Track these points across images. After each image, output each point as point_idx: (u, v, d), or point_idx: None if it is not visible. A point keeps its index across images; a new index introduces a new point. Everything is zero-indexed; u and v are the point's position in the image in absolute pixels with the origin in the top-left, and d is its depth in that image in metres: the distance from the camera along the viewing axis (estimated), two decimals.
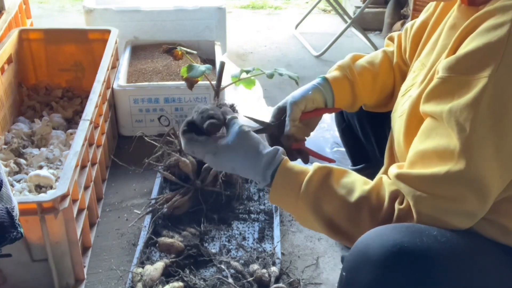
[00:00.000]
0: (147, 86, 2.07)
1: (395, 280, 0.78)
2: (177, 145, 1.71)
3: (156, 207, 1.63)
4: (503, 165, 0.81)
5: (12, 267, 1.32)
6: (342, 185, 0.93)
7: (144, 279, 1.38)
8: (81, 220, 1.46)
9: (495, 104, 0.78)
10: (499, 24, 0.78)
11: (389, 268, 0.78)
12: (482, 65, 0.78)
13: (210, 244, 1.56)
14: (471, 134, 0.79)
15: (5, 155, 1.77)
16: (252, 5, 3.95)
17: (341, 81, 1.28)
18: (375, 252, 0.79)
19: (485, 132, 0.79)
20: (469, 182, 0.81)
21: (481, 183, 0.81)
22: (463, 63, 0.81)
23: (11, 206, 1.00)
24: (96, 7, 2.49)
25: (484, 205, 0.84)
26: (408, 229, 0.81)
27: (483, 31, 0.79)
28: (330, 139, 1.95)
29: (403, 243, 0.78)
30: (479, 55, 0.79)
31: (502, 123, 0.79)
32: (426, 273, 0.77)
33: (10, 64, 2.04)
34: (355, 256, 0.82)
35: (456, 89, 0.81)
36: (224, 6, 2.57)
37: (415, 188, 0.84)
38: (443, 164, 0.82)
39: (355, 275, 0.82)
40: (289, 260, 1.52)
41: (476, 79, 0.78)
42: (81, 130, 1.54)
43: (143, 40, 2.46)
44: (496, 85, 0.77)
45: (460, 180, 0.81)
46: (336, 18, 3.55)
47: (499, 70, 0.77)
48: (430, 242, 0.79)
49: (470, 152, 0.80)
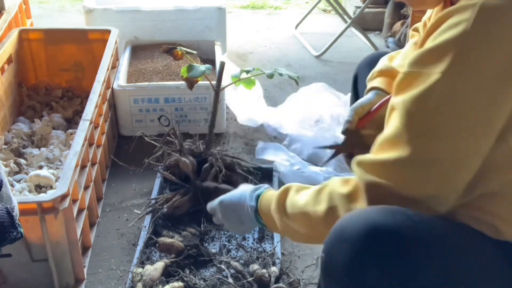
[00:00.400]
0: (147, 86, 2.07)
1: (370, 256, 0.80)
2: (177, 145, 1.71)
3: (156, 207, 1.63)
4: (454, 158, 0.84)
5: (12, 267, 1.32)
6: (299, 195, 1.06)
7: (144, 279, 1.38)
8: (81, 220, 1.46)
9: (444, 99, 0.81)
10: (457, 23, 0.80)
11: (363, 245, 0.81)
12: (437, 61, 0.81)
13: (210, 244, 1.56)
14: (417, 125, 0.84)
15: (5, 155, 1.77)
16: (252, 5, 3.95)
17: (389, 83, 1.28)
18: (350, 231, 0.82)
19: (433, 124, 0.82)
20: (414, 170, 0.85)
21: (426, 172, 0.84)
22: (421, 59, 0.84)
23: (11, 206, 1.00)
24: (96, 7, 2.49)
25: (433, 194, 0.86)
26: (383, 209, 0.84)
27: (443, 30, 0.82)
28: (330, 139, 1.95)
29: (377, 221, 0.81)
30: (435, 52, 0.82)
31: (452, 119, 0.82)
32: (399, 250, 0.80)
33: (10, 64, 2.04)
34: (332, 237, 0.86)
35: (413, 83, 0.85)
36: (224, 6, 2.57)
37: (366, 172, 0.89)
38: (393, 151, 0.86)
39: (332, 255, 0.85)
40: (289, 260, 1.52)
41: (430, 74, 0.82)
42: (81, 130, 1.54)
43: (143, 40, 2.46)
44: (447, 81, 0.80)
45: (405, 167, 0.85)
46: (336, 18, 3.55)
47: (451, 67, 0.80)
48: (403, 219, 0.82)
49: (415, 141, 0.84)
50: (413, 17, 2.76)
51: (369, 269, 0.80)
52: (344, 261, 0.82)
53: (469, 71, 0.80)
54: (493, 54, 0.79)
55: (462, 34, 0.79)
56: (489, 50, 0.79)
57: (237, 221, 1.20)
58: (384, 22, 3.34)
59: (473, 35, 0.79)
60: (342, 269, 0.83)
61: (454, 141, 0.83)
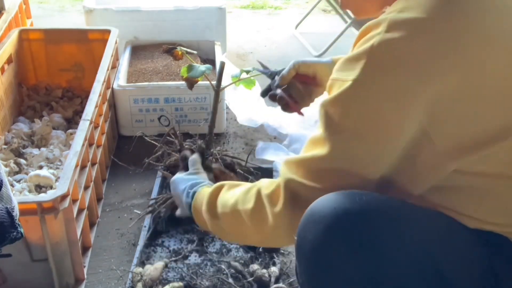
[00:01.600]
0: (147, 86, 2.07)
1: (336, 235, 0.83)
2: (177, 145, 1.71)
3: (156, 207, 1.63)
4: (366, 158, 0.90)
5: (12, 267, 1.31)
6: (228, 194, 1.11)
7: (144, 279, 1.38)
8: (81, 220, 1.46)
9: (351, 104, 0.88)
10: (370, 37, 0.86)
11: (330, 223, 0.84)
12: (350, 69, 0.87)
13: (210, 244, 1.56)
14: (332, 126, 0.90)
15: (5, 155, 1.77)
16: (252, 5, 3.95)
17: None
18: (318, 212, 0.86)
19: (344, 126, 0.89)
20: (328, 168, 0.91)
21: (340, 169, 0.90)
22: (341, 66, 0.90)
23: (11, 206, 1.00)
24: (96, 7, 2.49)
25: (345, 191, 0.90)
26: (350, 193, 0.87)
27: (361, 42, 0.88)
28: None
29: (343, 202, 0.85)
30: (351, 61, 0.88)
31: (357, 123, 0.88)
32: (365, 227, 0.83)
33: (10, 64, 2.04)
34: (303, 221, 0.89)
35: (333, 88, 0.91)
36: (224, 6, 2.57)
37: (289, 170, 0.96)
38: (313, 150, 0.93)
39: (303, 237, 0.88)
40: (289, 260, 1.52)
41: (344, 81, 0.88)
42: (81, 130, 1.55)
43: (143, 40, 2.46)
44: (355, 89, 0.86)
45: (321, 164, 0.92)
46: (336, 18, 3.55)
47: (360, 76, 0.85)
48: (369, 199, 0.86)
49: (330, 141, 0.90)
50: None
51: (335, 250, 0.83)
52: (312, 242, 0.85)
53: (373, 82, 0.85)
54: (394, 69, 0.83)
55: (370, 47, 0.84)
56: (391, 65, 0.83)
57: (179, 204, 1.30)
58: None
59: (379, 49, 0.83)
60: (311, 249, 0.86)
61: (362, 143, 0.88)
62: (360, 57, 0.86)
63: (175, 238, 1.59)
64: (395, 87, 0.84)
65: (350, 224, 0.83)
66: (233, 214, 1.06)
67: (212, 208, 1.12)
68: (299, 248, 0.90)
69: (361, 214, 0.84)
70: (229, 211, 1.07)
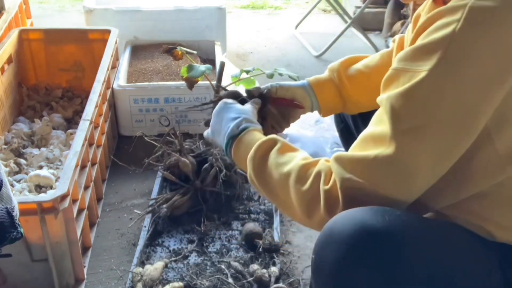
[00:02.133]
0: (147, 86, 2.07)
1: (358, 257, 0.80)
2: (177, 145, 1.71)
3: (156, 207, 1.63)
4: (434, 158, 0.84)
5: (12, 267, 1.32)
6: (284, 156, 0.99)
7: (144, 279, 1.38)
8: (81, 220, 1.46)
9: (430, 97, 0.81)
10: (447, 23, 0.81)
11: (352, 244, 0.80)
12: (425, 59, 0.81)
13: (210, 244, 1.56)
14: (402, 122, 0.83)
15: (5, 155, 1.77)
16: (252, 5, 3.95)
17: (325, 83, 1.30)
18: (339, 232, 0.82)
19: (417, 122, 0.82)
20: (394, 169, 0.84)
21: (406, 172, 0.84)
22: (410, 55, 0.85)
23: (11, 206, 1.00)
24: (96, 7, 2.49)
25: (407, 194, 0.86)
26: (371, 209, 0.83)
27: (433, 29, 0.83)
28: (330, 139, 1.95)
29: (366, 221, 0.81)
30: (424, 50, 0.83)
31: (435, 117, 0.82)
32: (387, 250, 0.80)
33: (10, 64, 2.04)
34: (321, 238, 0.85)
35: (400, 80, 0.85)
36: (224, 6, 2.57)
37: (345, 169, 0.87)
38: (375, 148, 0.85)
39: (322, 256, 0.84)
40: (289, 260, 1.52)
41: (417, 71, 0.82)
42: (81, 130, 1.55)
43: (143, 40, 2.46)
44: (433, 79, 0.81)
45: (385, 165, 0.84)
46: (336, 18, 3.55)
47: (439, 65, 0.80)
48: (392, 219, 0.82)
49: (399, 139, 0.83)
50: None
51: (357, 271, 0.80)
52: (332, 262, 0.82)
53: (456, 70, 0.80)
54: (480, 56, 0.79)
55: (451, 34, 0.80)
56: (477, 52, 0.79)
57: (216, 129, 1.14)
58: (384, 22, 3.34)
59: (461, 36, 0.79)
60: (330, 270, 0.83)
61: (435, 141, 0.82)
62: (437, 45, 0.80)
63: (175, 238, 1.59)
64: (479, 75, 0.79)
65: (372, 247, 0.79)
66: (280, 182, 0.96)
67: (258, 159, 1.01)
68: (317, 268, 0.86)
69: (384, 235, 0.80)
70: (277, 177, 0.97)
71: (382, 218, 0.81)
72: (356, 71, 1.31)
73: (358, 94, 1.30)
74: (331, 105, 1.31)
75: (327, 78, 1.31)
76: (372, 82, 1.31)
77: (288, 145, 1.02)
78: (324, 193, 0.89)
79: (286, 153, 1.00)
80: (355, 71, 1.31)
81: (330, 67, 1.32)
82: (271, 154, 1.00)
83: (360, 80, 1.30)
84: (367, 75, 1.31)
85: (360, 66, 1.32)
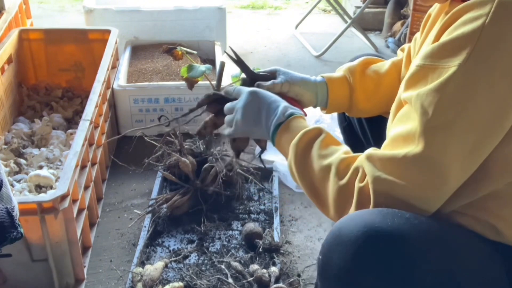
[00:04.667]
0: (147, 86, 2.07)
1: (366, 260, 0.80)
2: (177, 145, 1.71)
3: (156, 207, 1.63)
4: (465, 155, 0.83)
5: (12, 267, 1.32)
6: (327, 148, 0.98)
7: (144, 279, 1.38)
8: (81, 220, 1.46)
9: (460, 92, 0.80)
10: (475, 17, 0.80)
11: (360, 246, 0.80)
12: (454, 54, 0.80)
13: (210, 244, 1.56)
14: (432, 119, 0.81)
15: (5, 155, 1.77)
16: (252, 5, 3.95)
17: (339, 82, 1.28)
18: (347, 233, 0.82)
19: (448, 118, 0.81)
20: (424, 167, 0.83)
21: (437, 169, 0.83)
22: (437, 52, 0.84)
23: (11, 206, 1.00)
24: (96, 7, 2.49)
25: (440, 192, 0.85)
26: (381, 212, 0.83)
27: (460, 24, 0.82)
28: None
29: (374, 223, 0.80)
30: (452, 45, 0.82)
31: (466, 113, 0.80)
32: (395, 251, 0.79)
33: (10, 64, 2.04)
34: (329, 239, 0.85)
35: (428, 76, 0.84)
36: (224, 6, 2.58)
37: (376, 168, 0.87)
38: (404, 147, 0.85)
39: (329, 257, 0.84)
40: (289, 260, 1.52)
41: (446, 67, 0.81)
42: (81, 130, 1.54)
43: (143, 40, 2.46)
44: (464, 74, 0.80)
45: (416, 163, 0.83)
46: (336, 18, 3.55)
47: (469, 60, 0.79)
48: (401, 222, 0.81)
49: (429, 136, 0.82)
50: (413, 17, 2.76)
51: (365, 273, 0.80)
52: (340, 264, 0.82)
53: (486, 65, 0.79)
54: (509, 49, 0.79)
55: (480, 28, 0.79)
56: (506, 45, 0.79)
57: (253, 119, 1.10)
58: (384, 22, 3.34)
59: (490, 30, 0.79)
60: (338, 272, 0.82)
61: (465, 136, 0.81)
62: (466, 40, 0.79)
63: (175, 238, 1.59)
64: (509, 68, 0.79)
65: (380, 249, 0.79)
66: (320, 174, 0.95)
67: (302, 147, 1.00)
68: (324, 269, 0.86)
69: (393, 238, 0.79)
70: (318, 168, 0.96)
71: (391, 221, 0.81)
72: (368, 76, 1.30)
73: (364, 101, 1.30)
74: (340, 104, 1.31)
75: (342, 77, 1.29)
76: (380, 91, 1.30)
77: (332, 137, 1.02)
78: (358, 190, 0.88)
79: (329, 145, 0.99)
80: (367, 76, 1.29)
81: (349, 67, 1.29)
82: (315, 144, 0.99)
83: (369, 86, 1.29)
84: (376, 83, 1.30)
85: (372, 72, 1.30)
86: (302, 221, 1.69)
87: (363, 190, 0.88)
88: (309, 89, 1.25)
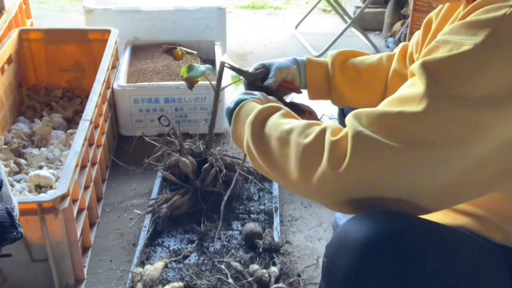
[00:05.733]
0: (147, 86, 2.07)
1: (371, 264, 0.79)
2: (177, 145, 1.71)
3: (156, 207, 1.63)
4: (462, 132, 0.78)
5: (12, 267, 1.32)
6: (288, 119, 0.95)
7: (144, 279, 1.38)
8: (81, 220, 1.46)
9: (470, 70, 0.78)
10: (498, 7, 0.80)
11: (366, 250, 0.79)
12: (471, 34, 0.79)
13: (210, 244, 1.56)
14: (438, 86, 0.78)
15: (5, 155, 1.77)
16: (252, 5, 3.95)
17: (318, 65, 1.32)
18: (352, 237, 0.81)
19: (454, 91, 0.78)
20: (416, 127, 0.78)
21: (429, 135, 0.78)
22: (455, 30, 0.82)
23: (11, 206, 1.00)
24: (96, 7, 2.49)
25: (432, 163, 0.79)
26: (386, 215, 0.82)
27: (482, 11, 0.81)
28: None
29: (380, 227, 0.79)
30: (471, 26, 0.80)
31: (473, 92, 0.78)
32: (402, 256, 0.79)
33: (10, 64, 2.04)
34: (334, 243, 0.84)
35: (440, 49, 0.82)
36: (224, 6, 2.57)
37: (360, 123, 0.81)
38: (401, 106, 0.80)
39: (334, 260, 0.83)
40: (289, 260, 1.52)
41: (460, 44, 0.80)
42: (81, 130, 1.55)
43: (143, 40, 2.46)
44: (478, 54, 0.78)
45: (409, 121, 0.78)
46: (336, 18, 3.55)
47: (485, 42, 0.78)
48: (407, 226, 0.81)
49: (431, 100, 0.78)
50: (413, 17, 2.76)
51: (371, 277, 0.79)
52: (346, 268, 0.81)
53: (503, 50, 0.78)
54: None
55: (502, 16, 0.78)
56: None
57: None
58: (384, 22, 3.34)
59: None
60: (343, 276, 0.81)
61: (468, 114, 0.77)
62: (486, 23, 0.79)
63: (175, 238, 1.59)
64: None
65: (386, 253, 0.78)
66: (280, 140, 0.90)
67: (258, 122, 0.96)
68: (328, 272, 0.85)
69: (398, 242, 0.79)
70: (277, 135, 0.91)
71: (397, 224, 0.80)
72: (350, 64, 1.33)
73: (344, 85, 1.32)
74: (318, 87, 1.33)
75: (322, 61, 1.34)
76: (362, 78, 1.33)
77: (293, 114, 0.98)
78: (330, 144, 0.82)
79: (290, 118, 0.95)
80: (349, 63, 1.33)
81: (330, 53, 1.34)
82: (273, 117, 0.95)
83: (350, 72, 1.32)
84: (358, 70, 1.33)
85: (356, 61, 1.34)
86: (302, 221, 1.69)
87: (336, 144, 0.82)
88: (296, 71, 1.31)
